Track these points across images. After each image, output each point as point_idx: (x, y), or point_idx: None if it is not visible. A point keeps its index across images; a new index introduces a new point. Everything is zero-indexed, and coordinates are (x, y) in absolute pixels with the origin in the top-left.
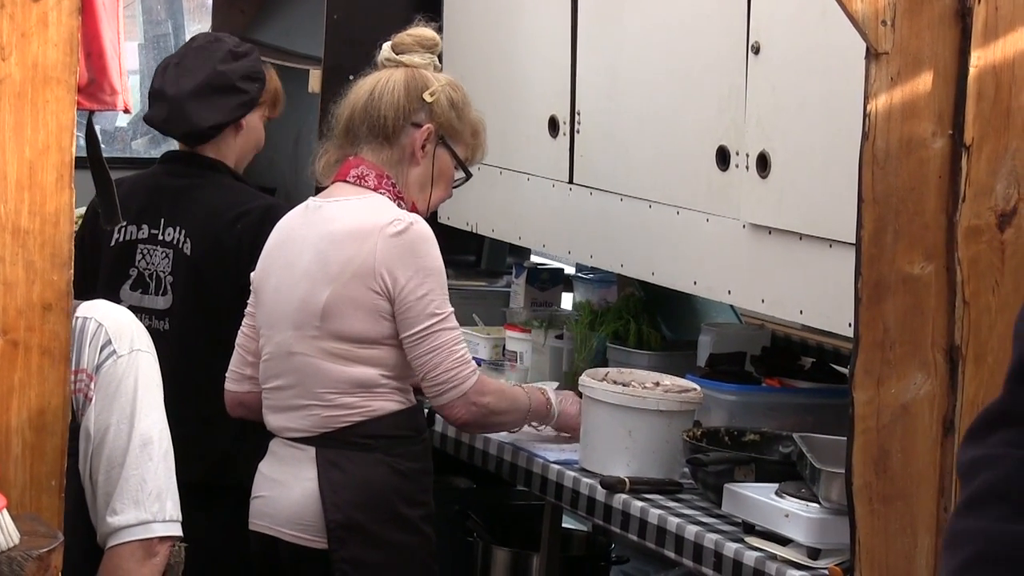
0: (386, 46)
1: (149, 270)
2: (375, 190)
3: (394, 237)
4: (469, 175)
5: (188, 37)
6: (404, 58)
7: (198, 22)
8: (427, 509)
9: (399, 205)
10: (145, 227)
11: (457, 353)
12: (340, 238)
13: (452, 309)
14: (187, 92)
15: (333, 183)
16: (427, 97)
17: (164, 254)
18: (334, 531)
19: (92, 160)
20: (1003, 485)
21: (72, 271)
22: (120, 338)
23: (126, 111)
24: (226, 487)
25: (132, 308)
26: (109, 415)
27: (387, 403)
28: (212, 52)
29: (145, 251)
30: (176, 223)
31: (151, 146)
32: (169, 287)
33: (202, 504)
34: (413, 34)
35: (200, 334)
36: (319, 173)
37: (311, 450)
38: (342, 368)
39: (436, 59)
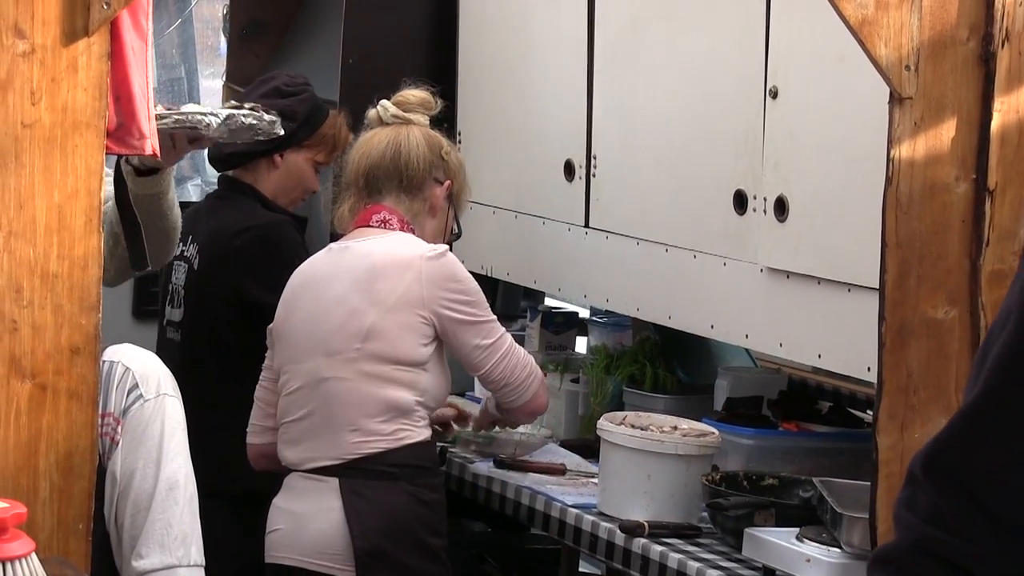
0: (388, 104)
1: (175, 284)
2: (400, 231)
3: (433, 262)
4: (460, 233)
5: (201, 82)
6: (411, 116)
7: (211, 67)
8: (445, 541)
9: None
10: (180, 246)
11: (520, 349)
12: (382, 268)
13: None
14: None
15: (355, 228)
16: (443, 155)
17: (183, 269)
18: (361, 558)
19: (120, 204)
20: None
21: (100, 315)
22: (147, 382)
23: (154, 155)
24: (234, 493)
25: (167, 322)
26: (136, 459)
27: (412, 432)
28: (260, 87)
29: (174, 267)
30: (194, 239)
31: None
32: (182, 300)
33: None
34: (416, 95)
35: (204, 347)
36: (337, 221)
37: (333, 481)
38: (378, 391)
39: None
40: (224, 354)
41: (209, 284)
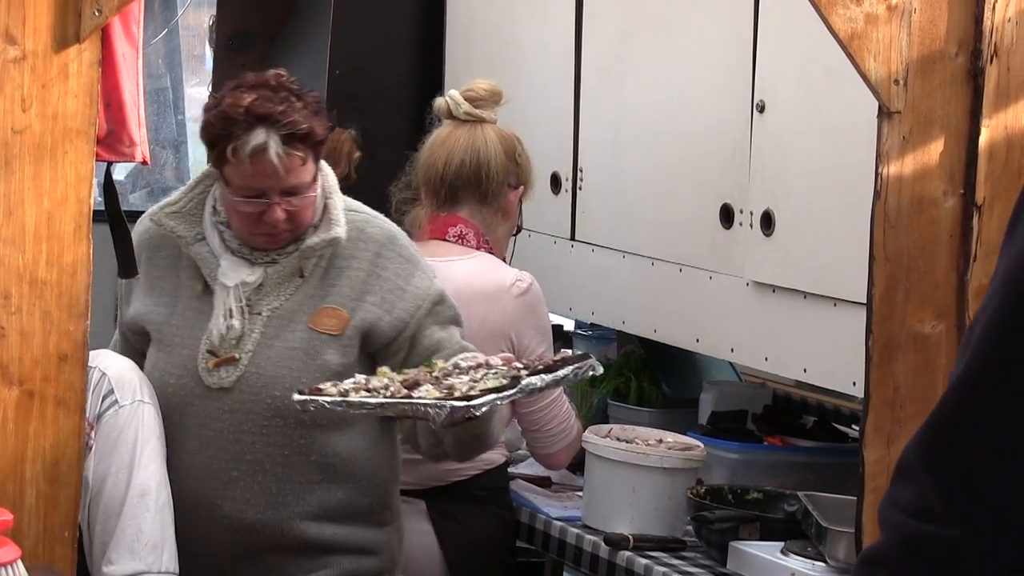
0: (459, 98)
1: None
2: (477, 249)
3: (519, 298)
4: (521, 227)
5: (187, 91)
6: (483, 113)
7: (196, 75)
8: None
9: None
10: None
11: (566, 404)
12: (468, 298)
13: None
14: None
15: (429, 238)
16: (518, 159)
17: None
18: None
19: (110, 212)
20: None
21: (89, 322)
22: (122, 388)
23: (144, 163)
24: None
25: None
26: (108, 465)
27: (495, 455)
28: None
29: None
30: None
31: (148, 199)
32: None
33: None
34: (485, 87)
35: None
36: (409, 223)
37: (419, 503)
38: None
39: None
40: None
41: None
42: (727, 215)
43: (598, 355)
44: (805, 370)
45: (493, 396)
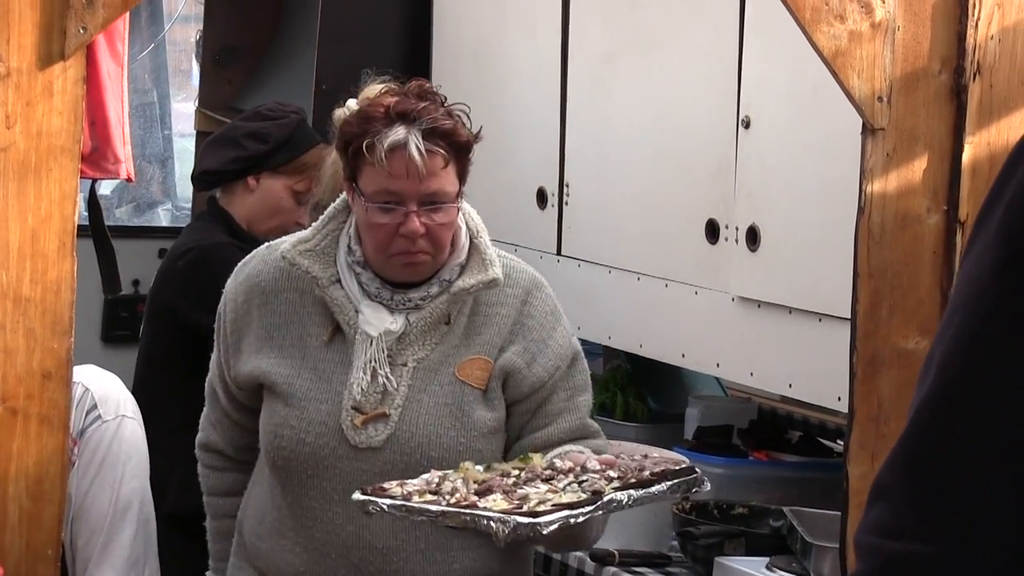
0: (353, 105)
1: None
2: None
3: None
4: None
5: (173, 106)
6: None
7: (183, 91)
8: None
9: None
10: None
11: None
12: None
13: None
14: (208, 140)
15: None
16: None
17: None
18: None
19: (94, 228)
20: None
21: (72, 339)
22: (106, 403)
23: (129, 180)
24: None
25: None
26: (91, 480)
27: None
28: (250, 111)
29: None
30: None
31: (135, 214)
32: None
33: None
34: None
35: (146, 367)
36: None
37: None
38: None
39: None
40: (164, 376)
41: (153, 303)
42: (713, 230)
43: None
44: (790, 385)
45: (564, 514)
